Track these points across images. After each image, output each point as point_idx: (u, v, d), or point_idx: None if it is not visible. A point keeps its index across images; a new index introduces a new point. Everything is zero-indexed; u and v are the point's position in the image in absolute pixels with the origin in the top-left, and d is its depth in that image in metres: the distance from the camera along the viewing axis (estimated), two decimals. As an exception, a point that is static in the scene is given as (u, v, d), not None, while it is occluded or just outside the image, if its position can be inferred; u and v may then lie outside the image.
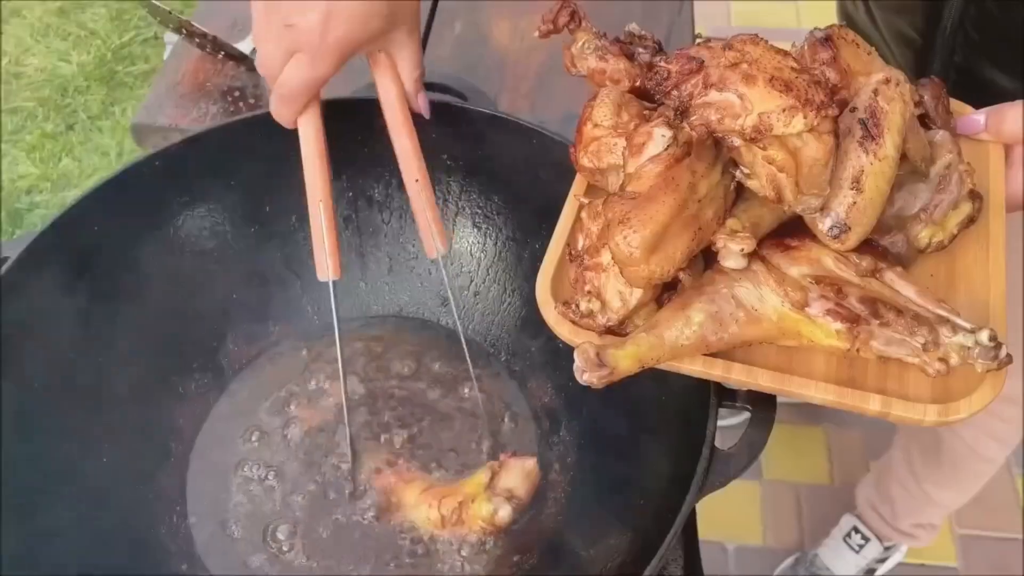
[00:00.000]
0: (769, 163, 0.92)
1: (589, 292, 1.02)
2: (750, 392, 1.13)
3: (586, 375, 0.92)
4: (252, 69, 1.73)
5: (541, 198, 1.19)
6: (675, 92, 0.93)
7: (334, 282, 1.28)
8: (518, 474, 1.25)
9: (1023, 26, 1.40)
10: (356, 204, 1.51)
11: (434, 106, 1.38)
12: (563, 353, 1.03)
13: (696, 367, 1.00)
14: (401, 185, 1.34)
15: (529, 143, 1.36)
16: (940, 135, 1.08)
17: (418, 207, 1.30)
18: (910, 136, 1.02)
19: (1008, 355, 0.92)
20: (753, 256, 0.99)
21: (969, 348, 0.93)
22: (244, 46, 1.76)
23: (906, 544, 2.61)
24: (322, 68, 1.16)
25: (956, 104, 1.19)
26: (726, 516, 2.73)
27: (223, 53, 1.72)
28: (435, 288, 1.53)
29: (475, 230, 1.50)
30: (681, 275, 1.00)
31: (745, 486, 2.80)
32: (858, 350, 0.97)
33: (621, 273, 0.96)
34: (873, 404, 0.97)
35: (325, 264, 1.27)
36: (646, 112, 1.05)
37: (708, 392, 1.11)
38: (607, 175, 1.07)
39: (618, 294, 1.00)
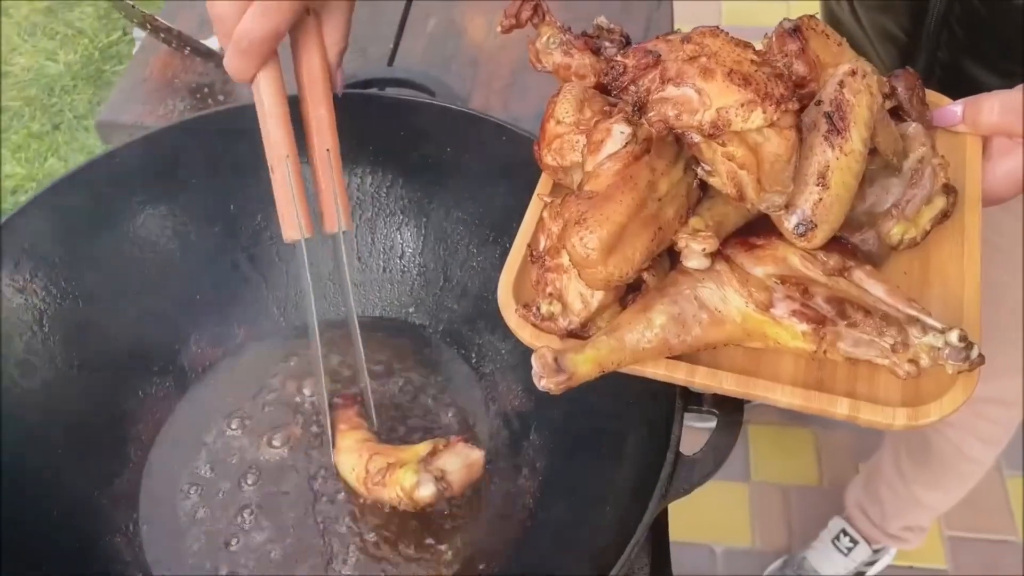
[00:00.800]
0: (729, 160, 0.89)
1: (550, 294, 0.99)
2: (716, 396, 1.10)
3: (543, 381, 0.89)
4: (220, 65, 1.67)
5: (513, 195, 1.16)
6: (632, 87, 0.90)
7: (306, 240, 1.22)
8: (459, 460, 1.19)
9: (1009, 23, 1.38)
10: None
11: (401, 102, 1.38)
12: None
13: (659, 371, 0.97)
14: (375, 183, 1.35)
15: (499, 140, 1.34)
16: (913, 127, 1.06)
17: (326, 179, 1.24)
18: (879, 129, 0.99)
19: (980, 355, 0.89)
20: (717, 256, 0.96)
21: (939, 349, 0.90)
22: (212, 43, 1.74)
23: (895, 547, 2.59)
24: (278, 17, 1.12)
25: (932, 95, 1.17)
26: (713, 518, 2.71)
27: (189, 49, 1.69)
28: (407, 288, 1.50)
29: (446, 229, 1.48)
30: (645, 275, 0.98)
31: (733, 487, 2.78)
32: (825, 352, 0.94)
33: (579, 276, 0.92)
34: (841, 408, 0.94)
35: (296, 221, 1.20)
36: (609, 108, 1.02)
37: (675, 396, 1.09)
38: (571, 173, 1.05)
39: (579, 296, 0.98)
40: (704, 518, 2.65)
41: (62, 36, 4.17)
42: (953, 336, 0.89)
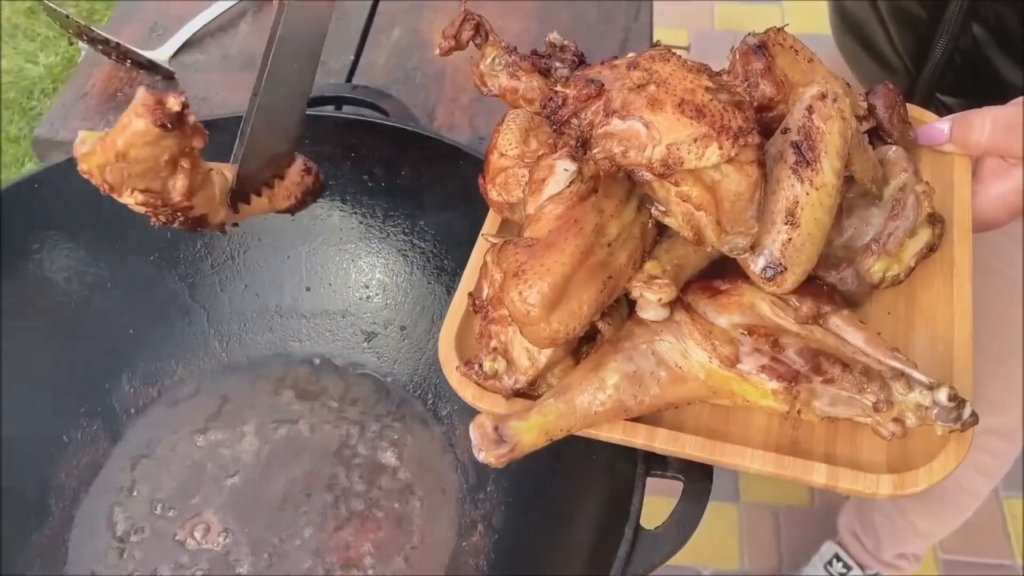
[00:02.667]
0: (684, 200, 0.81)
1: (495, 349, 0.91)
2: (682, 460, 1.01)
3: (483, 454, 0.82)
4: (169, 77, 1.63)
5: (473, 222, 1.09)
6: (574, 120, 0.81)
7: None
8: None
9: None
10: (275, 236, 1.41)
11: (352, 123, 1.31)
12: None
13: (615, 435, 0.89)
14: (325, 209, 1.32)
15: (455, 163, 1.26)
16: (893, 151, 0.97)
17: None
18: (855, 156, 0.91)
19: (973, 415, 0.82)
20: (677, 304, 0.88)
21: (927, 407, 0.82)
22: (162, 52, 1.65)
23: (889, 573, 2.51)
24: None
25: (916, 111, 1.09)
26: (702, 540, 2.56)
27: (130, 61, 1.61)
28: (360, 322, 1.42)
29: (402, 257, 1.40)
30: (599, 325, 0.89)
31: (722, 508, 2.69)
32: (799, 412, 0.86)
33: (520, 332, 0.83)
34: (818, 475, 0.86)
35: None
36: (556, 139, 0.93)
37: (637, 459, 1.00)
38: (518, 209, 0.97)
39: (526, 352, 0.90)
40: (693, 539, 2.52)
41: (43, 38, 4.08)
42: (942, 394, 0.81)
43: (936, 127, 1.07)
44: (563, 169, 0.85)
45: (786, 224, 0.85)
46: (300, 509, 1.25)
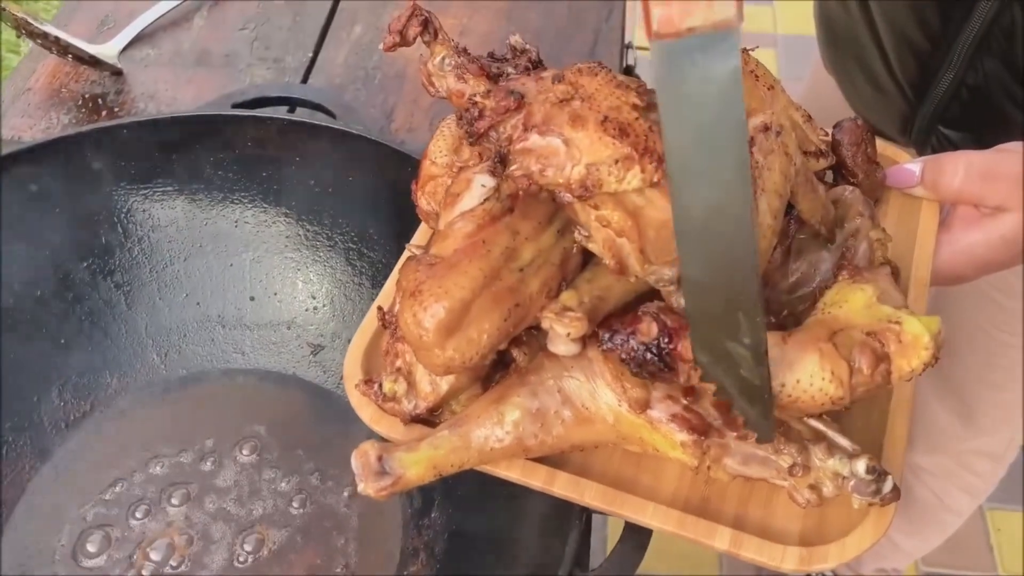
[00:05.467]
0: (604, 225, 0.77)
1: (398, 369, 0.89)
2: None
3: (362, 485, 0.79)
4: (117, 73, 1.60)
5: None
6: (492, 134, 0.77)
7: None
8: None
9: None
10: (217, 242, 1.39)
11: (296, 125, 1.29)
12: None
13: (513, 474, 0.87)
14: (269, 216, 1.31)
15: (404, 169, 1.22)
16: (850, 193, 0.95)
17: None
18: (801, 195, 0.87)
19: (894, 489, 0.79)
20: (592, 339, 0.83)
21: (845, 477, 0.78)
22: (111, 47, 1.63)
23: None
24: None
25: (889, 149, 1.06)
26: (681, 548, 2.59)
27: (72, 56, 1.58)
28: (304, 335, 1.39)
29: (349, 267, 1.37)
30: (514, 352, 0.87)
31: None
32: (708, 468, 0.82)
33: (415, 357, 0.80)
34: (720, 540, 0.83)
35: None
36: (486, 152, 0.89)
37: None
38: (446, 221, 0.92)
39: (428, 376, 0.87)
40: (671, 548, 2.56)
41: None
42: (860, 465, 0.79)
43: (906, 168, 1.05)
44: (480, 184, 0.82)
45: (716, 263, 0.81)
46: (217, 534, 1.22)
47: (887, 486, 0.78)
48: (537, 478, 0.85)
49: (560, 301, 0.82)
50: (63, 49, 1.57)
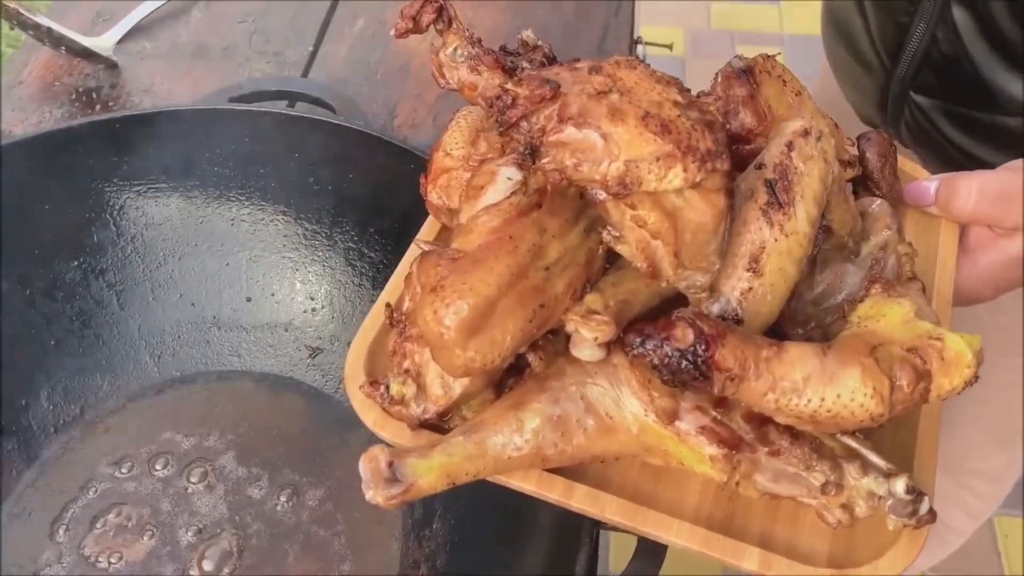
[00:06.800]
0: (640, 226, 0.75)
1: (406, 371, 0.85)
2: None
3: (370, 493, 0.75)
4: (112, 66, 1.59)
5: None
6: (524, 124, 0.74)
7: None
8: None
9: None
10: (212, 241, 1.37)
11: (295, 120, 1.28)
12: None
13: (528, 485, 0.83)
14: (267, 214, 1.29)
15: (407, 166, 1.22)
16: (877, 205, 0.92)
17: None
18: (835, 204, 0.85)
19: (931, 512, 0.77)
20: (616, 345, 0.80)
21: (880, 497, 0.76)
22: (106, 40, 1.62)
23: None
24: None
25: (907, 164, 1.04)
26: (683, 555, 2.60)
27: (65, 48, 1.57)
28: (303, 336, 1.38)
29: (349, 267, 1.36)
30: (529, 357, 0.83)
31: None
32: (737, 484, 0.80)
33: (432, 356, 0.76)
34: (749, 561, 0.80)
35: None
36: (504, 145, 0.88)
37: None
38: (456, 217, 0.89)
39: (440, 378, 0.83)
40: (673, 555, 2.54)
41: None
42: (899, 485, 0.77)
43: (923, 185, 1.03)
44: (506, 177, 0.80)
45: (748, 271, 0.79)
46: (204, 544, 1.20)
47: (924, 507, 0.76)
48: (554, 491, 0.82)
49: (585, 304, 0.79)
50: (56, 41, 1.55)
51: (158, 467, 1.25)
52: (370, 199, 1.31)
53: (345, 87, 1.54)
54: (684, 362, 0.72)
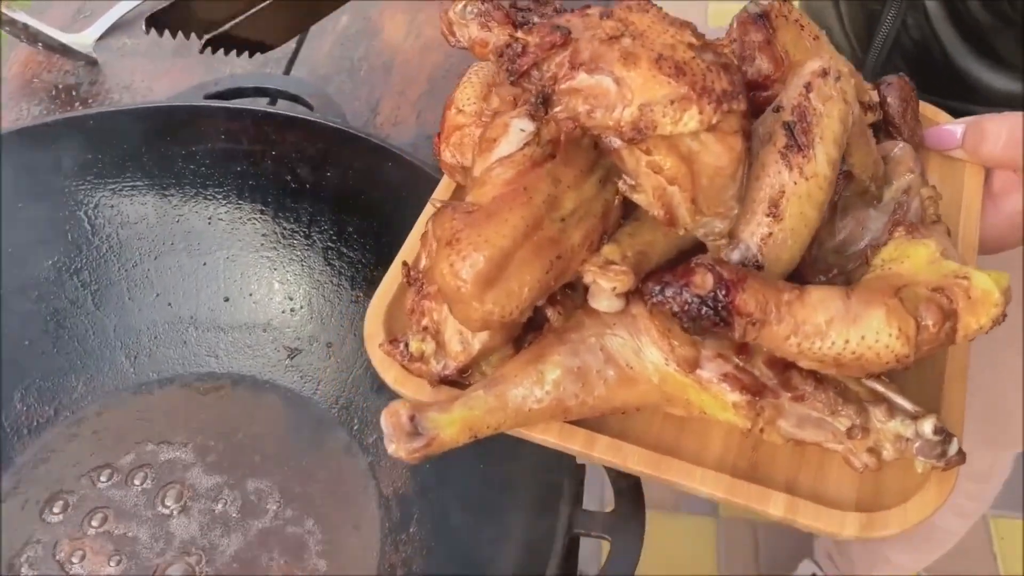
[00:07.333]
0: (656, 172, 0.74)
1: (425, 328, 0.84)
2: (609, 517, 0.97)
3: (393, 446, 0.74)
4: (92, 63, 1.58)
5: (406, 230, 1.02)
6: (535, 73, 0.74)
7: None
8: None
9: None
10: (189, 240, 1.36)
11: (271, 117, 1.28)
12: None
13: (549, 437, 0.82)
14: (244, 212, 1.28)
15: (384, 164, 1.22)
16: (899, 148, 0.92)
17: None
18: (855, 148, 0.85)
19: (960, 453, 0.77)
20: (635, 296, 0.80)
21: (908, 439, 0.75)
22: (86, 36, 1.60)
23: None
24: None
25: (928, 109, 1.05)
26: (678, 554, 2.69)
27: (42, 44, 1.56)
28: (281, 337, 1.37)
29: (328, 267, 1.35)
30: (548, 312, 0.82)
31: (700, 522, 2.76)
32: (761, 431, 0.79)
33: (450, 311, 0.76)
34: (775, 506, 0.79)
35: None
36: (519, 98, 0.87)
37: (557, 512, 0.97)
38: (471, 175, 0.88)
39: (458, 334, 0.82)
40: (669, 553, 2.65)
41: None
42: (927, 426, 0.76)
43: (947, 129, 1.03)
44: (519, 129, 0.79)
45: (768, 216, 0.79)
46: (182, 546, 1.20)
47: (953, 448, 0.76)
48: (576, 442, 0.81)
49: (603, 255, 0.79)
50: (33, 38, 1.54)
51: (136, 468, 1.24)
52: (348, 197, 1.30)
53: (328, 84, 1.53)
54: (704, 308, 0.72)
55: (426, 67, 1.59)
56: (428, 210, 0.94)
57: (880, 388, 0.78)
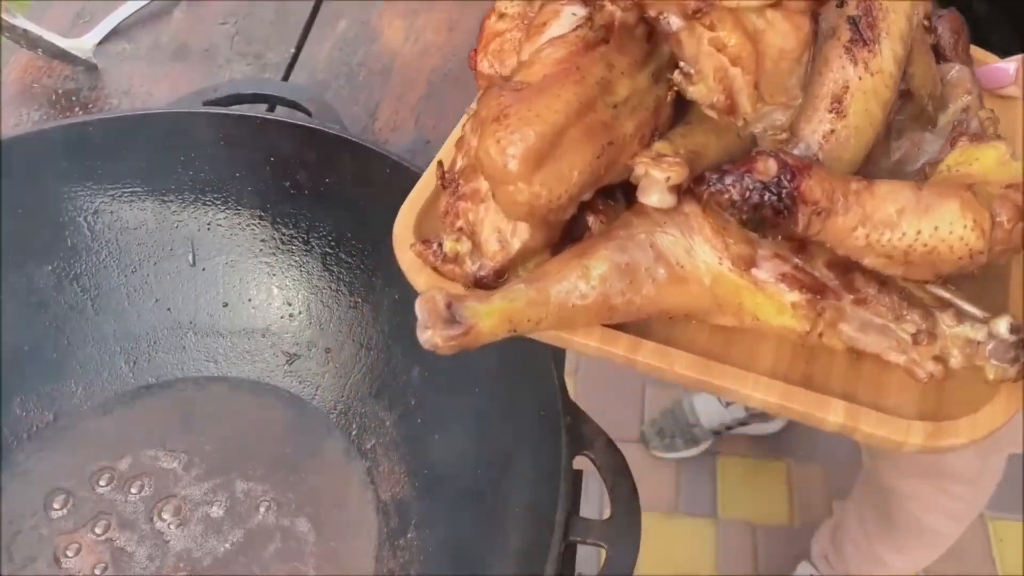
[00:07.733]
0: (719, 50, 0.71)
1: (460, 229, 0.79)
2: (605, 524, 0.94)
3: (429, 333, 0.68)
4: (92, 68, 1.56)
5: None
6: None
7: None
8: None
9: None
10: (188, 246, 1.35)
11: (269, 124, 1.27)
12: (422, 429, 0.95)
13: (591, 341, 0.77)
14: (243, 218, 1.28)
15: (382, 170, 1.21)
16: (957, 71, 0.90)
17: None
18: (917, 56, 0.82)
19: None
20: (687, 194, 0.76)
21: (979, 343, 0.72)
22: (86, 41, 1.58)
23: None
24: None
25: (977, 51, 1.02)
26: (678, 556, 2.70)
27: (41, 50, 1.54)
28: (279, 342, 1.36)
29: (327, 273, 1.34)
30: (590, 219, 0.78)
31: (699, 524, 2.77)
32: (820, 335, 0.76)
33: (494, 195, 0.72)
34: (835, 413, 0.74)
35: None
36: None
37: (552, 522, 0.94)
38: (510, 86, 0.85)
39: (496, 233, 0.78)
40: (668, 555, 2.66)
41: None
42: (1002, 325, 0.72)
43: (1000, 67, 1.00)
44: (571, 13, 0.76)
45: (831, 112, 0.76)
46: (180, 551, 1.18)
47: (1026, 354, 0.71)
48: (619, 346, 0.77)
49: (655, 148, 0.75)
50: (32, 43, 1.53)
51: (134, 473, 1.23)
52: (347, 203, 1.29)
53: (326, 89, 1.53)
54: (768, 194, 0.68)
55: (424, 71, 1.58)
56: (463, 118, 0.89)
57: (946, 294, 0.74)
